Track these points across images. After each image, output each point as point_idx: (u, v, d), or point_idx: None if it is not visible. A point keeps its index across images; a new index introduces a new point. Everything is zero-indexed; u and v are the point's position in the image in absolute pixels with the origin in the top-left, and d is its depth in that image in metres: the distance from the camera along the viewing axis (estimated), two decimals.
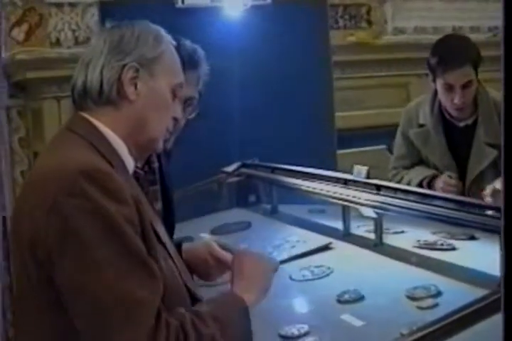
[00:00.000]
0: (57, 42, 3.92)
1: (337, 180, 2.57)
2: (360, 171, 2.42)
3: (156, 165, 2.07)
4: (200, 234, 2.89)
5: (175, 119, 1.67)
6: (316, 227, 2.66)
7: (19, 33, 3.83)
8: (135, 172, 1.64)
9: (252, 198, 3.25)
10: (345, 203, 2.47)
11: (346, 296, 1.93)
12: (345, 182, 2.51)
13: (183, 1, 3.29)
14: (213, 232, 2.88)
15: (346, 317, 1.81)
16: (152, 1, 3.34)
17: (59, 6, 3.89)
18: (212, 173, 3.31)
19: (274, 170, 3.03)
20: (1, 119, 3.76)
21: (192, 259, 1.86)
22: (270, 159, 3.15)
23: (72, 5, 3.88)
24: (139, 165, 1.94)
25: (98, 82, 1.56)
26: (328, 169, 3.08)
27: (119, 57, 1.57)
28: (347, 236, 2.50)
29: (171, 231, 2.12)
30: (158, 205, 2.08)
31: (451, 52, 2.78)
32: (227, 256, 1.83)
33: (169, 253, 1.54)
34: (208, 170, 3.29)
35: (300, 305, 2.01)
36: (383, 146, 3.26)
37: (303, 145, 3.55)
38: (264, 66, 3.39)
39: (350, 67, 4.47)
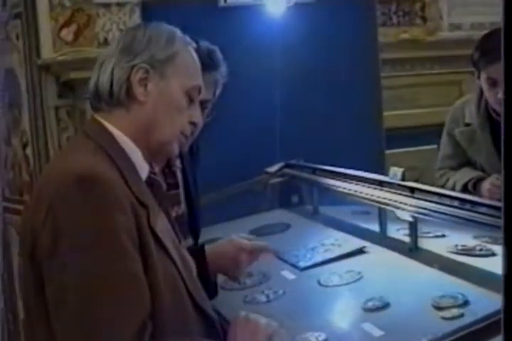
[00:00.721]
0: (105, 43, 3.93)
1: (375, 182, 2.49)
2: (395, 173, 2.34)
3: (176, 168, 2.04)
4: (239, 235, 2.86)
5: (193, 124, 1.63)
6: (354, 230, 2.59)
7: (68, 34, 3.86)
8: (149, 177, 1.61)
9: (295, 199, 3.20)
10: (381, 205, 2.40)
11: (370, 304, 1.86)
12: (381, 184, 2.43)
13: (225, 0, 3.25)
14: (252, 234, 2.84)
15: (367, 326, 1.75)
16: (194, 0, 3.32)
17: (107, 6, 3.89)
18: (255, 173, 3.27)
19: (315, 170, 2.96)
20: (50, 119, 3.82)
21: (220, 260, 1.83)
22: (316, 159, 3.09)
23: (119, 5, 3.88)
24: (158, 168, 1.93)
25: (108, 83, 1.55)
26: (376, 169, 3.01)
27: (129, 58, 1.55)
28: (384, 239, 2.43)
29: (195, 234, 2.09)
30: (182, 209, 2.05)
31: (493, 44, 2.67)
32: (257, 244, 1.87)
33: (173, 261, 1.50)
34: (251, 170, 3.25)
35: (323, 312, 1.94)
36: (435, 146, 3.16)
37: (350, 145, 3.47)
38: (308, 64, 3.33)
39: (401, 64, 4.36)
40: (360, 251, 2.33)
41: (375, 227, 2.53)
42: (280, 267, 2.34)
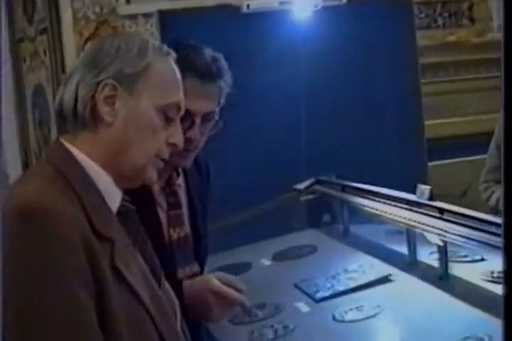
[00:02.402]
0: None
1: (402, 201, 2.25)
2: (423, 191, 2.10)
3: (177, 187, 1.85)
4: (261, 260, 2.66)
5: (172, 145, 1.42)
6: (383, 253, 2.36)
7: None
8: (122, 204, 1.41)
9: (327, 218, 2.97)
10: (408, 227, 2.16)
11: None
12: (409, 204, 2.18)
13: (248, 6, 3.05)
14: (275, 258, 2.64)
15: None
16: (217, 8, 3.14)
17: (132, 17, 3.76)
18: (284, 191, 3.05)
19: (344, 188, 2.73)
20: None
21: (191, 299, 1.64)
22: (350, 173, 2.85)
23: (146, 16, 3.75)
24: (157, 186, 1.78)
25: (72, 101, 1.36)
26: (417, 183, 2.78)
27: (94, 73, 1.35)
28: (412, 265, 2.19)
29: (200, 256, 1.90)
30: (184, 230, 1.86)
31: None
32: (228, 292, 1.63)
33: (140, 300, 1.31)
34: (280, 187, 3.04)
35: None
36: (483, 156, 2.90)
37: (388, 157, 3.24)
38: (338, 71, 3.11)
39: (444, 69, 4.06)
40: (385, 280, 2.09)
41: (405, 250, 2.29)
42: (296, 297, 2.13)
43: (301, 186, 3.01)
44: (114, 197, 1.37)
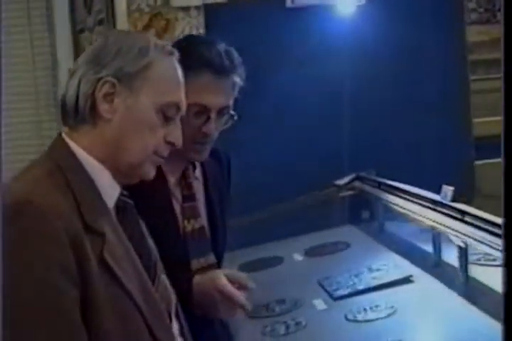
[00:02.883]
0: None
1: (428, 201, 2.22)
2: (446, 192, 2.06)
3: (193, 179, 1.87)
4: (293, 255, 2.67)
5: (170, 143, 1.44)
6: (411, 252, 2.34)
7: None
8: (120, 199, 1.45)
9: (366, 214, 2.95)
10: (432, 227, 2.13)
11: None
12: (435, 204, 2.15)
13: (292, 1, 3.04)
14: (307, 253, 2.65)
15: None
16: (262, 2, 3.14)
17: (186, 9, 3.78)
18: (324, 186, 3.05)
19: (380, 185, 2.71)
20: None
21: (198, 295, 1.66)
22: (393, 170, 2.82)
23: (198, 8, 3.76)
24: (173, 179, 1.80)
25: (74, 96, 1.39)
26: (463, 182, 2.73)
27: (95, 70, 1.39)
28: (436, 266, 2.16)
29: (217, 248, 1.91)
30: (199, 223, 1.88)
31: None
32: (232, 291, 1.63)
33: (128, 293, 1.33)
34: (321, 182, 3.03)
35: None
36: None
37: (433, 155, 3.18)
38: (382, 66, 3.07)
39: (496, 66, 3.93)
40: (406, 281, 2.07)
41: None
42: (317, 294, 2.14)
43: (341, 182, 3.00)
44: (111, 192, 1.40)
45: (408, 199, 2.36)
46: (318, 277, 2.27)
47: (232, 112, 1.79)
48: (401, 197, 2.44)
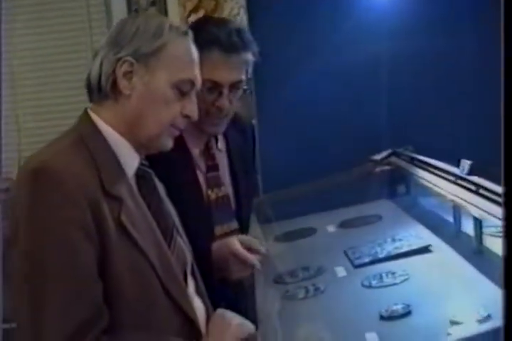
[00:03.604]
0: None
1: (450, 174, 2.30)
2: (464, 166, 2.14)
3: (215, 150, 2.00)
4: (327, 227, 2.78)
5: (186, 116, 1.57)
6: (436, 224, 2.42)
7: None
8: (139, 168, 1.59)
9: (401, 189, 3.03)
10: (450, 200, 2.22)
11: (389, 311, 1.73)
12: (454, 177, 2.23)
13: None
14: (341, 225, 2.75)
15: (370, 336, 1.62)
16: None
17: None
18: (361, 161, 3.14)
19: (413, 160, 2.79)
20: None
21: (214, 258, 1.79)
22: (431, 146, 2.90)
23: None
24: (198, 151, 1.93)
25: (97, 75, 1.54)
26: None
27: (115, 51, 1.53)
28: (456, 237, 2.24)
29: (240, 214, 2.04)
30: (222, 191, 2.00)
31: None
32: (244, 253, 1.77)
33: (145, 255, 1.47)
34: (358, 157, 3.12)
35: (338, 315, 1.83)
36: None
37: (473, 133, 3.22)
38: (420, 50, 3.12)
39: None
40: (424, 250, 2.17)
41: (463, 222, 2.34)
42: (340, 262, 2.25)
43: (378, 157, 3.08)
44: (131, 162, 1.54)
45: (434, 173, 2.44)
46: (345, 247, 2.38)
47: (244, 87, 1.91)
48: (428, 171, 2.52)
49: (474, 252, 2.06)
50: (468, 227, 2.25)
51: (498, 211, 1.90)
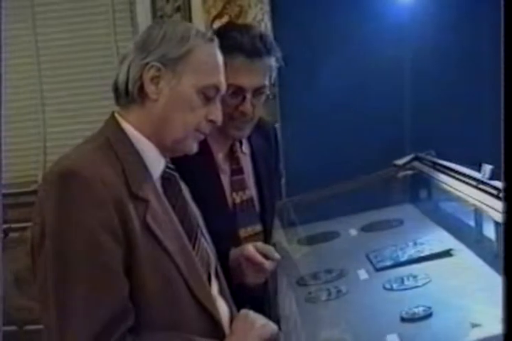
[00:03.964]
0: None
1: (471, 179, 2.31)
2: (485, 170, 2.16)
3: (240, 154, 2.03)
4: (350, 230, 2.80)
5: (211, 121, 1.61)
6: (458, 228, 2.43)
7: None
8: (165, 171, 1.62)
9: (424, 194, 3.04)
10: (471, 204, 2.23)
11: (410, 313, 1.75)
12: (476, 182, 2.25)
13: None
14: (363, 229, 2.77)
15: (391, 337, 1.64)
16: None
17: None
18: (384, 165, 3.15)
19: (435, 165, 2.80)
20: None
21: (231, 264, 1.82)
22: (453, 151, 2.91)
23: None
24: (221, 154, 1.98)
25: (124, 80, 1.58)
26: None
27: (142, 56, 1.57)
28: (478, 241, 2.25)
29: (264, 217, 2.07)
30: (247, 194, 2.04)
31: None
32: (257, 258, 1.79)
33: (170, 256, 1.50)
34: (381, 162, 3.14)
35: (360, 318, 1.86)
36: None
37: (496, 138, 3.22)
38: (443, 50, 3.15)
39: None
40: (446, 254, 2.18)
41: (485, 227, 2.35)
42: (362, 265, 2.27)
43: (400, 162, 3.10)
44: (157, 164, 1.58)
45: (456, 178, 2.45)
46: (368, 250, 2.40)
47: (267, 92, 1.94)
48: (450, 175, 2.53)
49: (495, 256, 2.06)
50: (489, 231, 2.27)
51: None
